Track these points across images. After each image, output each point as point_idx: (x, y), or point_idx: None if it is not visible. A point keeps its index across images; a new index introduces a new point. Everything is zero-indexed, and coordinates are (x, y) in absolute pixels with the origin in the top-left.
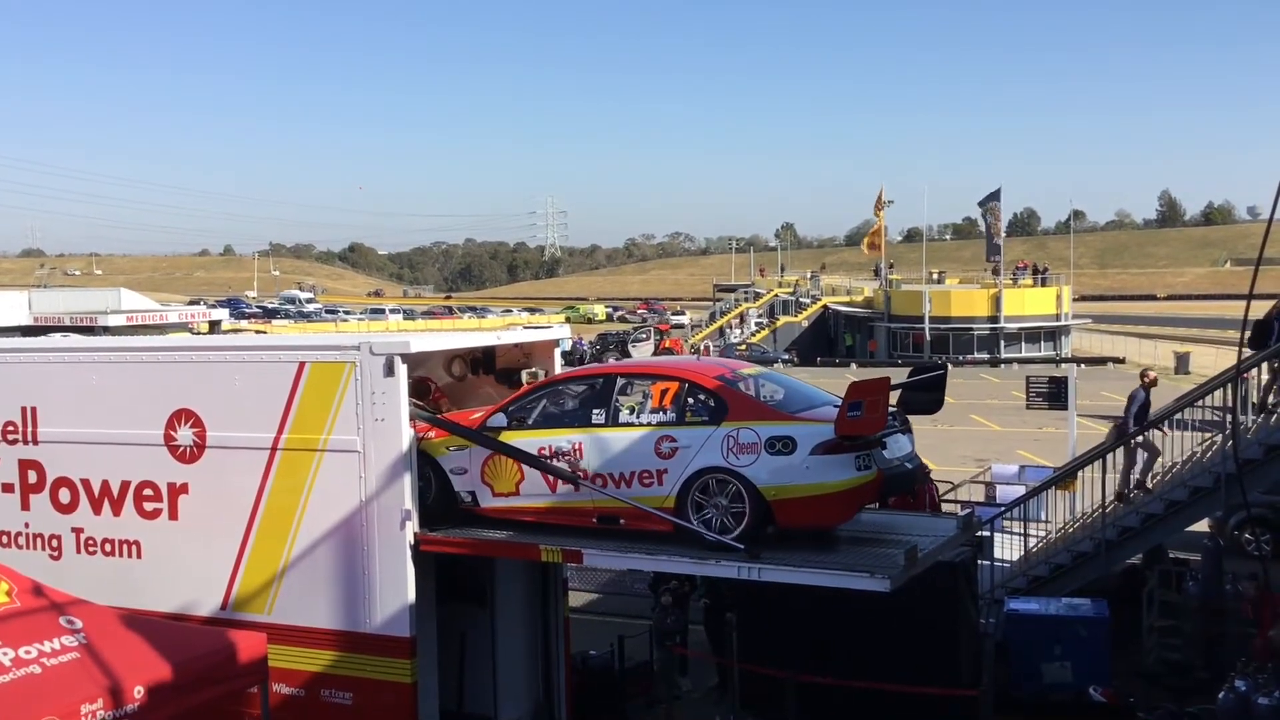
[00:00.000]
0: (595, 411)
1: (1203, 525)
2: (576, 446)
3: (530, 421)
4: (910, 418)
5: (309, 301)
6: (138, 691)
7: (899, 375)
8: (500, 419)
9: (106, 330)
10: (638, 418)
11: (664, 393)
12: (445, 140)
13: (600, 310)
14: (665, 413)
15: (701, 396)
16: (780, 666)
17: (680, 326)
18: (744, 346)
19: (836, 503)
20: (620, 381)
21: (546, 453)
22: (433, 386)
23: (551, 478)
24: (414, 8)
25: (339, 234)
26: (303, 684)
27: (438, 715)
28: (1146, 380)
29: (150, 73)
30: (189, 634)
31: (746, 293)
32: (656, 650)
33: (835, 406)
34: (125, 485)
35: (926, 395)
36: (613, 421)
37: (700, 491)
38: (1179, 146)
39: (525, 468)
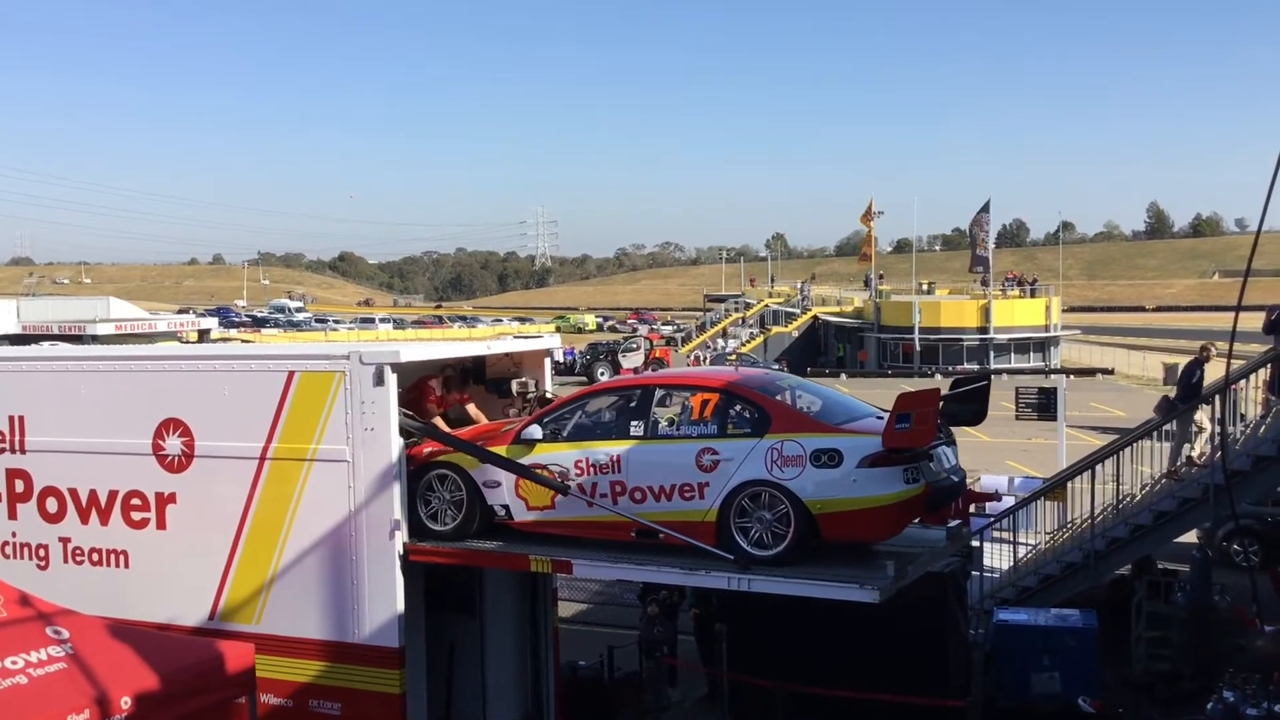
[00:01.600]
0: (634, 424)
1: (1191, 536)
2: (615, 459)
3: (566, 434)
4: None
5: (298, 310)
6: (125, 702)
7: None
8: (535, 431)
9: (95, 339)
10: (677, 429)
11: (704, 404)
12: (436, 149)
13: (591, 320)
14: (706, 424)
15: (743, 408)
16: (769, 677)
17: (670, 337)
18: (734, 356)
19: (884, 516)
20: (659, 393)
21: (583, 465)
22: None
23: (588, 490)
24: (405, 16)
25: (329, 243)
26: (291, 694)
27: None
28: (1205, 354)
29: (138, 81)
30: (176, 644)
31: (737, 303)
32: (645, 660)
33: (878, 418)
34: (113, 495)
35: (970, 406)
36: (652, 434)
37: (743, 505)
38: (1168, 158)
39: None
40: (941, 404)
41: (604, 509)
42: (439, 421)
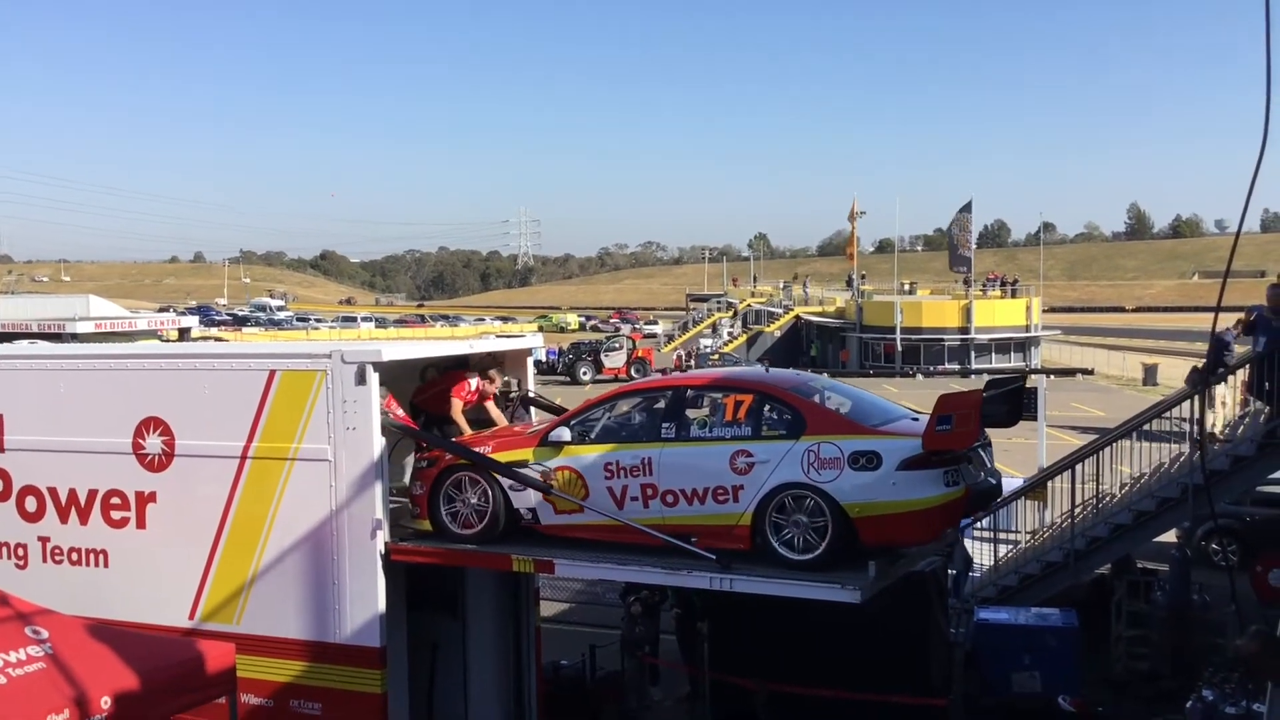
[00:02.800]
0: (665, 425)
1: (1170, 535)
2: (645, 461)
3: (594, 435)
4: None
5: (280, 309)
6: (104, 702)
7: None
8: (564, 433)
9: (75, 337)
10: (710, 431)
11: (737, 405)
12: (418, 148)
13: (573, 319)
14: (740, 426)
15: (778, 409)
16: (751, 676)
17: (653, 336)
18: (717, 356)
19: (924, 520)
20: (690, 394)
21: (613, 468)
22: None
23: (618, 494)
24: (387, 15)
25: (310, 241)
26: (271, 694)
27: None
28: (1238, 326)
29: (120, 78)
30: (156, 644)
31: (720, 302)
32: (627, 660)
33: (913, 419)
34: (93, 494)
35: (1005, 407)
36: (684, 436)
37: (779, 509)
38: (1148, 160)
39: (590, 484)
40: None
41: (633, 512)
42: (458, 416)
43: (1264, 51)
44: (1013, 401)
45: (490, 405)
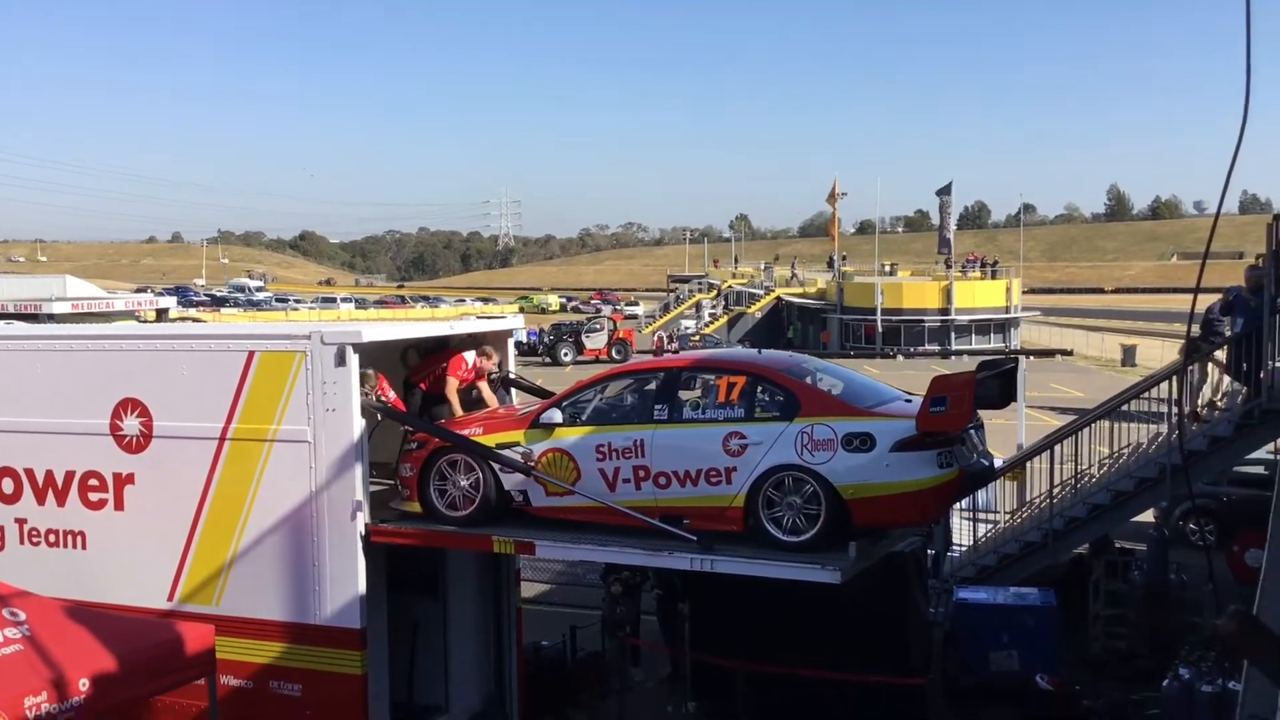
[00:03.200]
0: (657, 407)
1: (1148, 515)
2: (638, 443)
3: (586, 417)
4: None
5: (259, 290)
6: (83, 684)
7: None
8: (555, 415)
9: (51, 318)
10: (703, 413)
11: (730, 387)
12: (398, 128)
13: (554, 300)
14: (732, 408)
15: (771, 391)
16: (731, 656)
17: (634, 317)
18: (698, 337)
19: (918, 501)
20: (683, 375)
21: (605, 450)
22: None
23: (610, 476)
24: None
25: (289, 221)
26: (251, 676)
27: (388, 707)
28: (1244, 289)
29: (96, 55)
30: (135, 626)
31: (700, 283)
32: (608, 640)
33: (906, 401)
34: (70, 475)
35: (997, 388)
36: (676, 417)
37: (773, 490)
38: (1128, 141)
39: (582, 466)
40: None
41: (626, 494)
42: (453, 396)
43: (1244, 33)
44: (1005, 383)
45: (484, 386)
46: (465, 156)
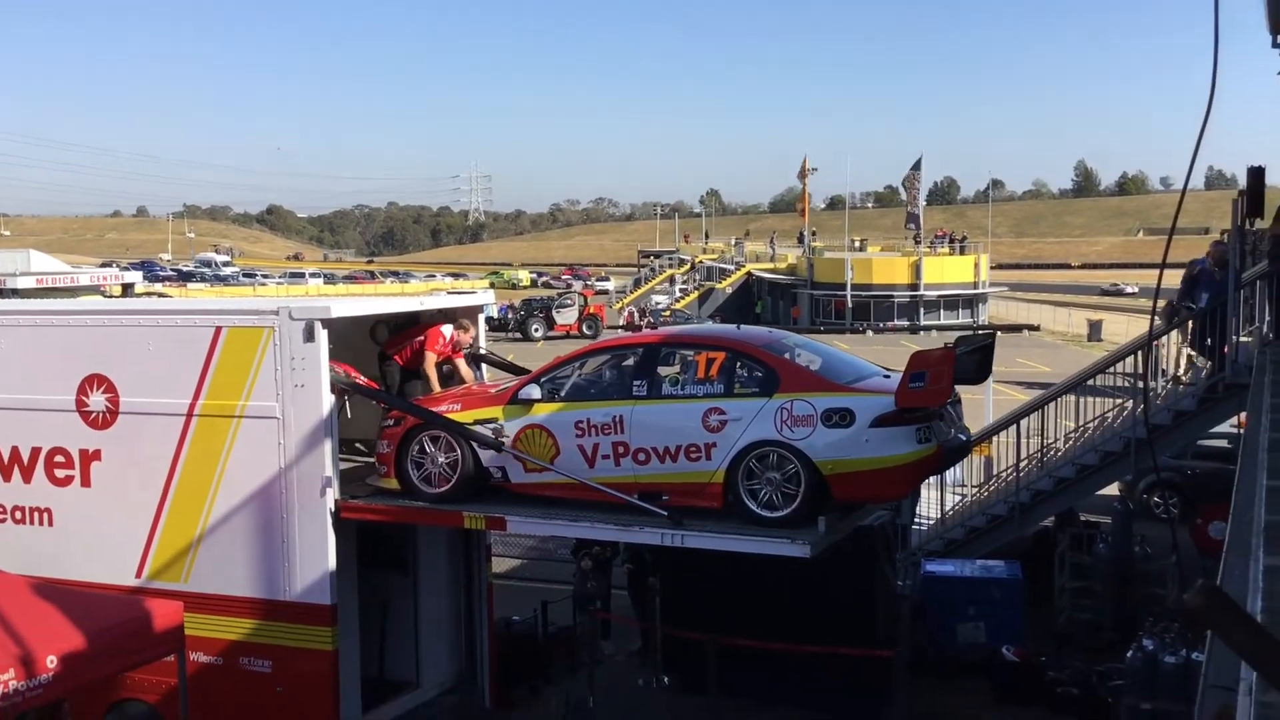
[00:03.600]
0: (636, 383)
1: (1113, 489)
2: (617, 419)
3: (564, 393)
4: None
5: (225, 265)
6: (50, 661)
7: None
8: (534, 390)
9: (15, 293)
10: (682, 389)
11: (709, 363)
12: (366, 102)
13: (525, 276)
14: (712, 384)
15: (750, 367)
16: (702, 630)
17: (604, 293)
18: (668, 313)
19: (897, 476)
20: (662, 351)
21: (584, 426)
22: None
23: (589, 452)
24: None
25: (256, 195)
26: (221, 652)
27: (359, 682)
28: (1210, 263)
29: (58, 26)
30: (103, 603)
31: (671, 258)
32: (579, 615)
33: (885, 376)
34: (36, 452)
35: (975, 364)
36: (656, 393)
37: (752, 466)
38: (1095, 118)
39: (561, 442)
40: None
41: (605, 470)
42: (431, 372)
43: (1211, 11)
44: (983, 358)
45: (460, 361)
46: (434, 132)
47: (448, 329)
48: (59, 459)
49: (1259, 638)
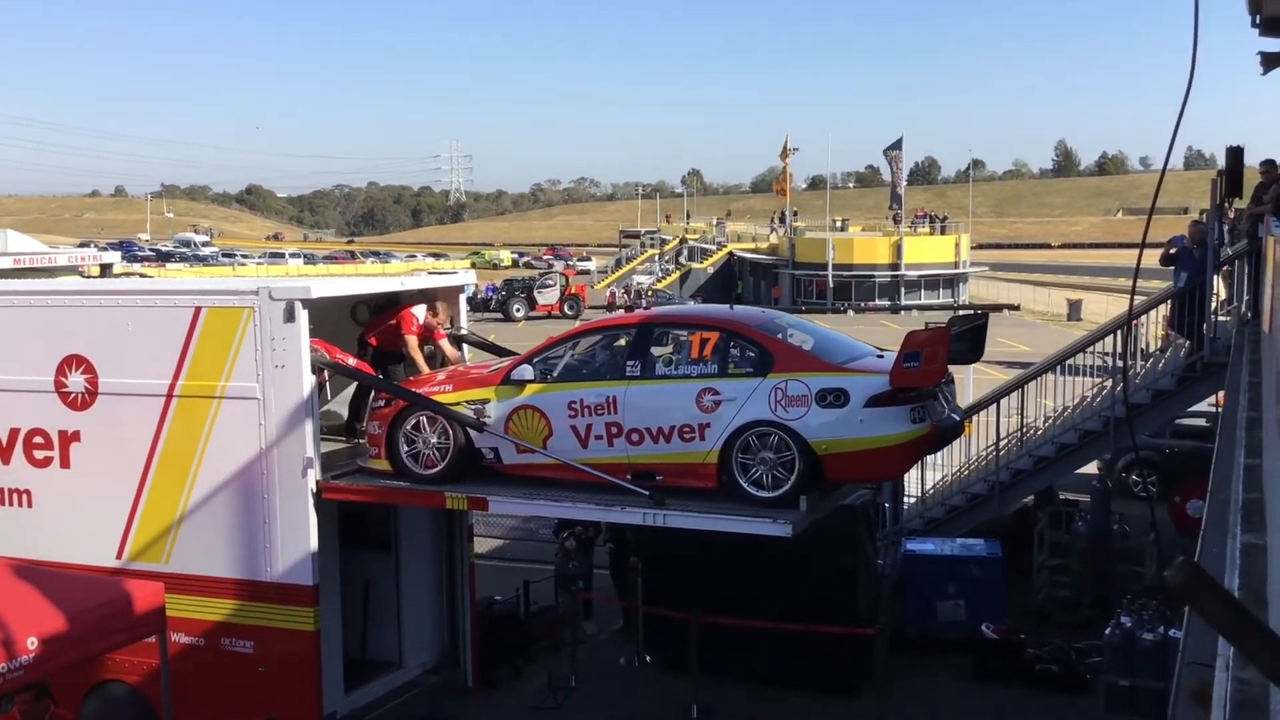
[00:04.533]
0: (630, 364)
1: (1092, 467)
2: (610, 400)
3: (557, 374)
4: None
5: (205, 245)
6: (31, 643)
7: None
8: (527, 371)
9: None
10: (675, 369)
11: (704, 343)
12: (346, 80)
13: (506, 256)
14: (706, 364)
15: (744, 347)
16: (683, 609)
17: (586, 272)
18: (650, 293)
19: (891, 456)
20: (655, 331)
21: (577, 407)
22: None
23: (583, 432)
24: None
25: (235, 175)
26: (203, 633)
27: (341, 663)
28: (1189, 242)
29: (36, 3)
30: (83, 584)
31: (652, 239)
32: (561, 595)
33: (878, 356)
34: (14, 433)
35: (969, 344)
36: (649, 374)
37: (746, 447)
38: (1075, 98)
39: (554, 423)
40: None
41: (598, 451)
42: (415, 354)
43: None
44: (976, 339)
45: (444, 342)
46: (414, 110)
47: (420, 310)
48: (38, 440)
49: (1238, 614)
